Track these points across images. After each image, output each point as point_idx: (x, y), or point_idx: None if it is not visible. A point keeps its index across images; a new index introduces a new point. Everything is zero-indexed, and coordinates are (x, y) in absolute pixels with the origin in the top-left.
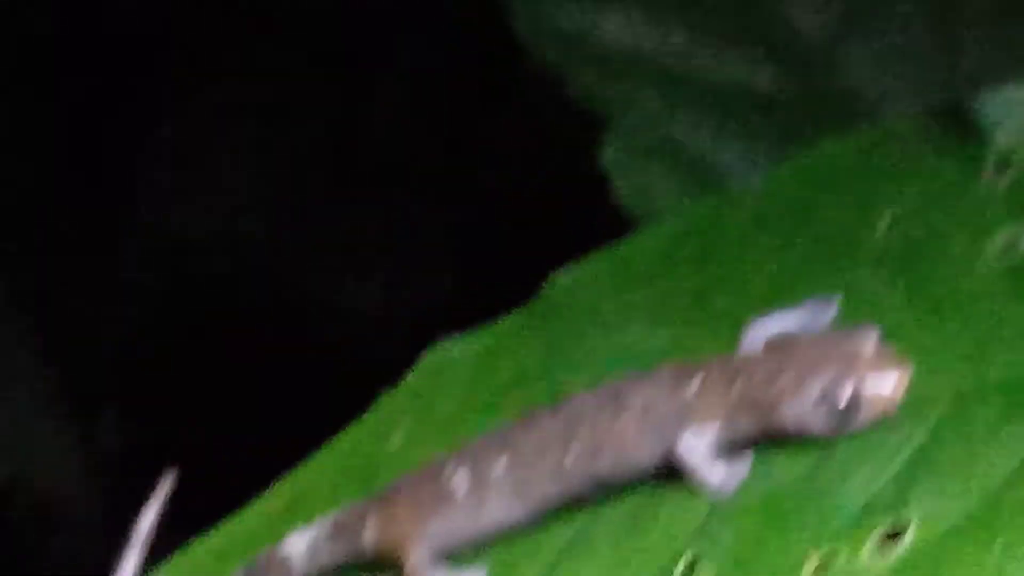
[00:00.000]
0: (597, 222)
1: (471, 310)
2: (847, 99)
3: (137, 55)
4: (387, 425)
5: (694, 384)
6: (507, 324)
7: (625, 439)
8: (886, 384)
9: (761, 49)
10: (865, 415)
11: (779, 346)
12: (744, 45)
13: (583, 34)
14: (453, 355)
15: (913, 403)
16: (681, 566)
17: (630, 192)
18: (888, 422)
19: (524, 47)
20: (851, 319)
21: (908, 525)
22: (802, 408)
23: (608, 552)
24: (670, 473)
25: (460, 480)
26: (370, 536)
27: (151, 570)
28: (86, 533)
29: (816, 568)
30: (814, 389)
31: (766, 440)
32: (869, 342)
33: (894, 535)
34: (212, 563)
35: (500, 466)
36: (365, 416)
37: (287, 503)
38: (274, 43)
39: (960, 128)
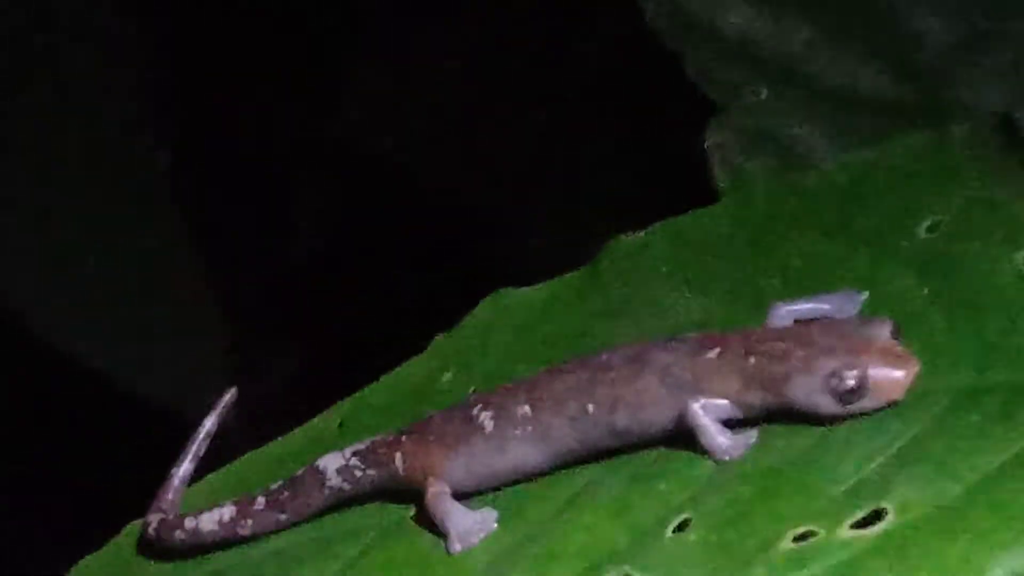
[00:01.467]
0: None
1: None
2: (963, 111)
3: None
4: (439, 364)
5: (714, 352)
6: (566, 280)
7: (643, 397)
8: (893, 374)
9: (879, 53)
10: (870, 401)
11: (797, 326)
12: (862, 47)
13: (707, 20)
14: (509, 304)
15: (917, 396)
16: (674, 523)
17: (726, 178)
18: (891, 411)
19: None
20: (877, 311)
21: (885, 511)
22: (811, 386)
23: (610, 504)
24: (681, 437)
25: (486, 419)
26: (399, 463)
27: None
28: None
29: (793, 540)
30: (824, 369)
31: (775, 415)
32: (884, 332)
33: (873, 518)
34: (265, 471)
35: (524, 409)
36: (421, 354)
37: (338, 426)
38: None
39: (1014, 138)
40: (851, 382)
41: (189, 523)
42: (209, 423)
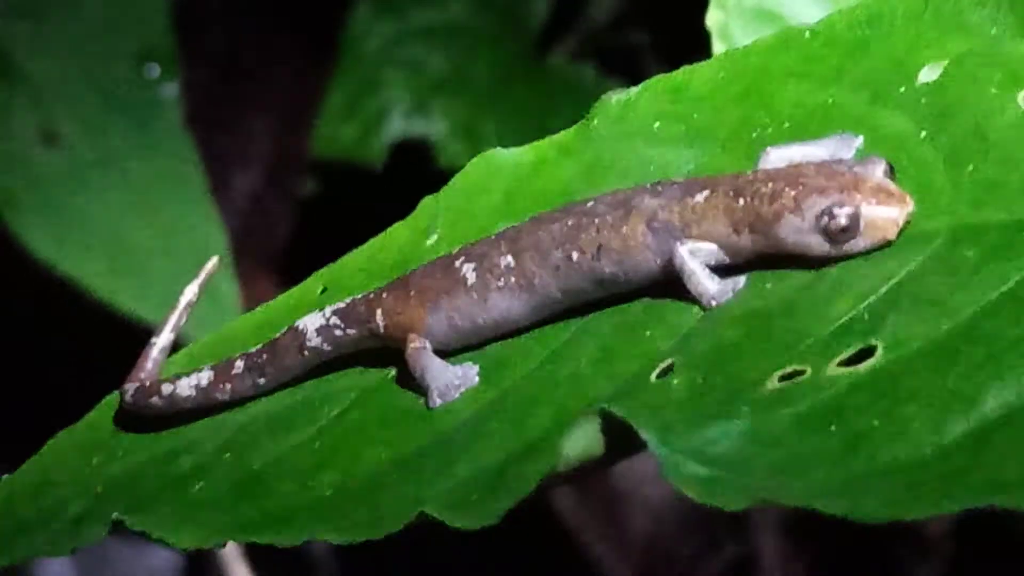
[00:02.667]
0: None
1: None
2: None
3: None
4: (425, 226)
5: (702, 195)
6: (556, 139)
7: (629, 242)
8: (887, 212)
9: None
10: (863, 241)
11: (788, 168)
12: None
13: None
14: (498, 164)
15: (911, 237)
16: (658, 369)
17: None
18: (883, 252)
19: None
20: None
21: (875, 348)
22: (802, 226)
23: (595, 352)
24: (669, 286)
25: (468, 272)
26: (380, 320)
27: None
28: None
29: (779, 379)
30: (816, 208)
31: (765, 259)
32: (877, 171)
33: (862, 355)
34: (246, 337)
35: (507, 259)
36: (407, 217)
37: (321, 291)
38: None
39: None
40: (843, 220)
41: (166, 388)
42: (190, 292)
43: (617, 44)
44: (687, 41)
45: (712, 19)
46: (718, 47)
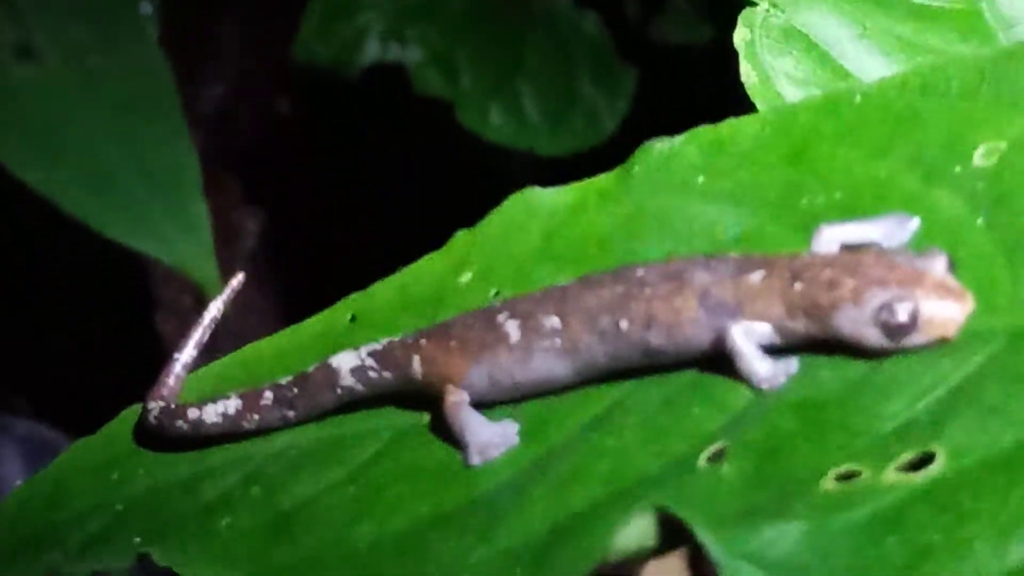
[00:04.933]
0: (713, 99)
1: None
2: (1003, 21)
3: None
4: (459, 263)
5: (757, 275)
6: (596, 183)
7: (681, 316)
8: (947, 310)
9: None
10: (920, 337)
11: (847, 254)
12: None
13: None
14: (536, 204)
15: (969, 335)
16: (706, 454)
17: (754, 75)
18: (941, 349)
19: None
20: (928, 241)
21: (937, 453)
22: (859, 318)
23: (638, 428)
24: (718, 361)
25: (512, 328)
26: (417, 367)
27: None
28: None
29: (836, 480)
30: (875, 301)
31: (818, 346)
32: (938, 265)
33: (921, 461)
34: (271, 363)
35: (553, 320)
36: (439, 250)
37: (349, 319)
38: None
39: None
40: (902, 316)
41: (192, 413)
42: (215, 307)
43: None
44: None
45: (739, 37)
46: (745, 67)
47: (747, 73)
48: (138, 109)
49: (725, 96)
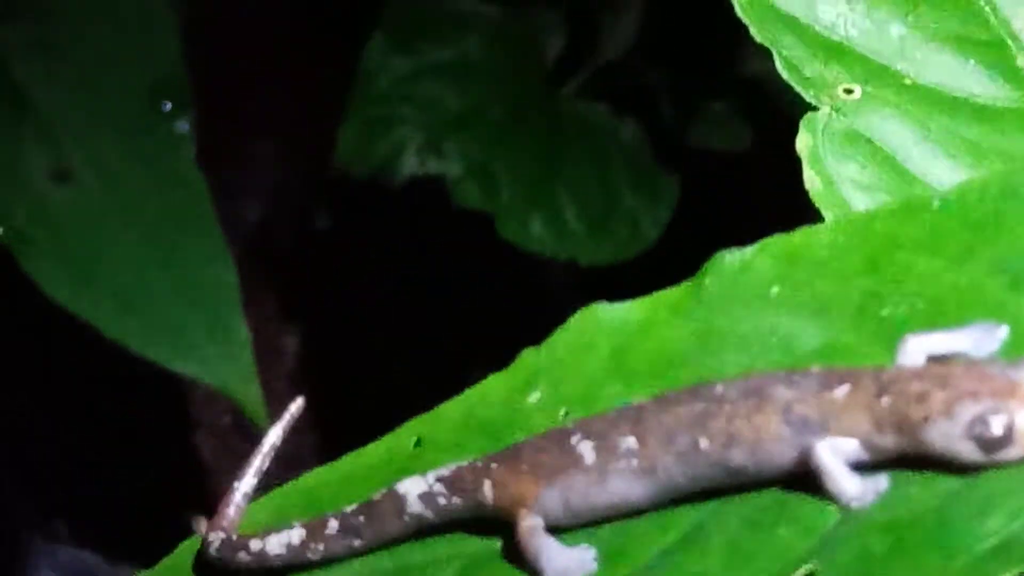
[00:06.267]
0: (778, 208)
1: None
2: None
3: None
4: (526, 381)
5: (843, 390)
6: (666, 296)
7: (763, 434)
8: None
9: (978, 53)
10: (1016, 450)
11: (936, 366)
12: (959, 46)
13: (800, 12)
14: (604, 320)
15: None
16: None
17: (819, 182)
18: None
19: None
20: (1018, 350)
21: None
22: (951, 432)
23: (722, 550)
24: (803, 479)
25: (586, 449)
26: (488, 493)
27: (273, 488)
28: None
29: None
30: (967, 414)
31: (908, 461)
32: None
33: None
34: (334, 489)
35: (629, 441)
36: (505, 369)
37: (414, 443)
38: None
39: None
40: (997, 430)
41: (255, 545)
42: (275, 434)
43: (631, 82)
44: (701, 81)
45: (802, 143)
46: (809, 173)
47: (811, 179)
48: (176, 227)
49: (770, 201)
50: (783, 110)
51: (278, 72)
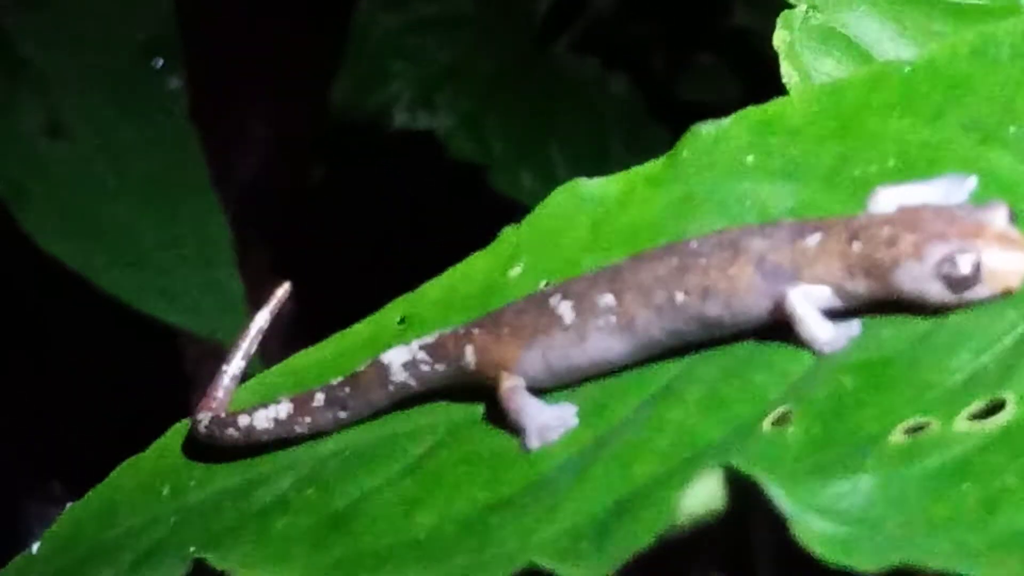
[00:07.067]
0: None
1: None
2: None
3: None
4: (509, 256)
5: (814, 238)
6: (643, 170)
7: (738, 284)
8: (1009, 260)
9: None
10: (984, 289)
11: (906, 211)
12: None
13: None
14: (582, 195)
15: None
16: (770, 419)
17: (796, 76)
18: (1005, 301)
19: None
20: (984, 199)
21: (1006, 402)
22: (921, 273)
23: (700, 398)
24: (778, 328)
25: (565, 310)
26: (470, 357)
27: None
28: None
29: (905, 433)
30: (936, 255)
31: (879, 306)
32: (999, 217)
33: (991, 411)
34: (320, 369)
35: (607, 298)
36: (487, 247)
37: (399, 321)
38: None
39: None
40: (965, 268)
41: (243, 420)
42: (262, 318)
43: (620, 37)
44: (689, 34)
45: (779, 39)
46: (786, 68)
47: (788, 74)
48: (169, 183)
49: None
50: (769, 62)
51: (270, 29)
